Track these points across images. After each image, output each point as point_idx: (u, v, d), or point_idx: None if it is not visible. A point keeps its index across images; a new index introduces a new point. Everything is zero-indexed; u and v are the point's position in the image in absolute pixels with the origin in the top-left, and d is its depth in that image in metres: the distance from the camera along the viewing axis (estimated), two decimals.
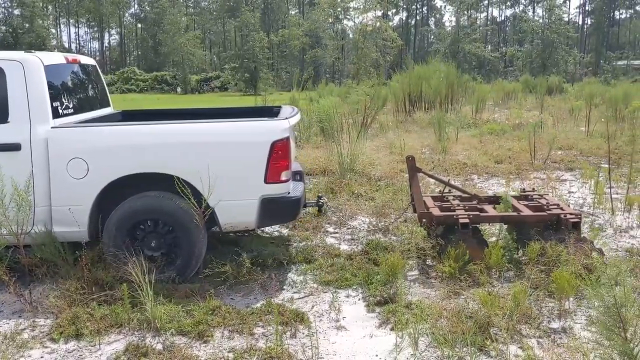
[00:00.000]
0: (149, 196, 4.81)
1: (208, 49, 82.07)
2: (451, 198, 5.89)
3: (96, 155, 4.72)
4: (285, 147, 4.83)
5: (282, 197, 4.87)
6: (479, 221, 5.27)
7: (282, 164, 4.81)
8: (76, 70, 5.84)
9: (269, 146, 4.73)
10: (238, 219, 4.89)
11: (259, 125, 5.03)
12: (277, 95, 31.45)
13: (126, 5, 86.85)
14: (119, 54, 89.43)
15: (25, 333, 3.99)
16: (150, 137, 4.82)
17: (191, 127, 5.00)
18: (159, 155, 4.76)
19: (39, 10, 66.37)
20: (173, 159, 4.75)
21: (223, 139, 4.86)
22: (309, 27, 62.18)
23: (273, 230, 6.46)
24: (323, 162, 9.77)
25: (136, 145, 4.77)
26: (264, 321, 4.12)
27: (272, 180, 4.79)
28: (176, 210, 4.74)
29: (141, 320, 4.02)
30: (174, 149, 4.77)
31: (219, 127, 5.03)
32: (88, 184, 4.69)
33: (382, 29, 56.03)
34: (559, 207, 5.36)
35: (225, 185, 4.72)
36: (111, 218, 4.77)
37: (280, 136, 4.79)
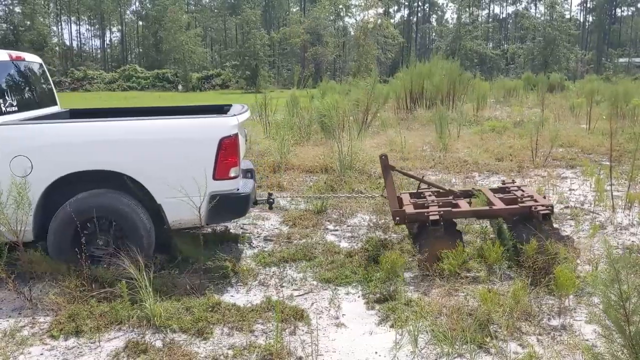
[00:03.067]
0: (94, 194, 4.76)
1: (209, 47, 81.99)
2: (428, 194, 5.83)
3: (40, 153, 4.64)
4: (233, 144, 4.81)
5: (230, 194, 4.86)
6: (450, 217, 5.19)
7: (230, 160, 4.80)
8: (21, 67, 5.75)
9: (217, 143, 4.73)
10: (186, 216, 4.82)
11: (206, 122, 5.04)
12: (278, 93, 31.44)
13: (127, 3, 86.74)
14: (120, 51, 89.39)
15: (25, 330, 3.99)
16: (95, 135, 4.76)
17: (137, 125, 4.97)
18: (105, 153, 4.70)
19: (39, 7, 66.35)
20: (119, 157, 4.70)
21: (170, 135, 4.83)
22: (310, 25, 62.11)
23: (273, 227, 6.46)
24: (323, 159, 9.76)
25: (81, 142, 4.70)
26: (264, 318, 4.12)
27: (221, 177, 4.79)
28: (122, 209, 4.72)
29: (141, 317, 4.01)
30: (119, 147, 4.73)
31: (166, 124, 4.99)
32: (32, 183, 4.58)
33: (383, 26, 55.96)
34: (532, 199, 5.27)
35: (173, 182, 4.70)
36: (56, 217, 4.71)
37: (228, 133, 4.79)
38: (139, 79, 60.45)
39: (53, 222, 4.71)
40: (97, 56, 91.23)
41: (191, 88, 56.97)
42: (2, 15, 65.57)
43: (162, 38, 66.32)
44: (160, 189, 4.72)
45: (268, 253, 5.50)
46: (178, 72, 60.07)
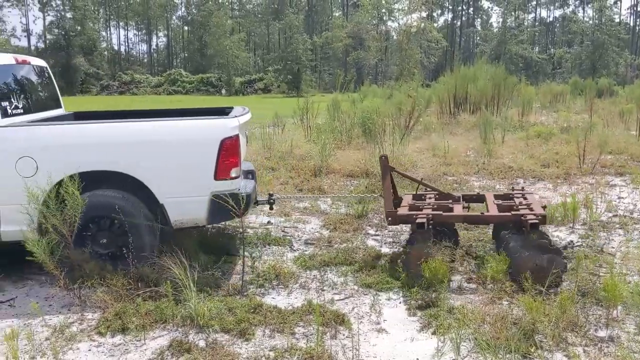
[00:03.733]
0: (98, 195, 4.83)
1: (252, 51, 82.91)
2: (429, 197, 5.77)
3: (45, 154, 4.74)
4: (234, 145, 4.89)
5: (231, 194, 4.88)
6: (440, 220, 5.12)
7: (231, 161, 4.88)
8: (26, 71, 5.87)
9: (219, 144, 4.80)
10: (188, 215, 4.92)
11: (208, 124, 5.12)
12: (319, 97, 31.55)
13: (173, 8, 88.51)
14: (166, 56, 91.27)
15: (73, 326, 4.11)
16: (99, 136, 4.87)
17: (140, 126, 5.07)
18: (109, 154, 4.80)
19: (90, 13, 68.39)
20: (123, 157, 4.79)
21: (173, 137, 4.91)
22: (352, 29, 62.16)
23: (314, 230, 6.48)
24: (364, 164, 9.74)
25: (85, 144, 4.81)
26: (305, 321, 4.13)
27: (222, 177, 4.85)
28: (126, 208, 4.78)
29: (185, 316, 4.09)
30: (123, 148, 4.83)
31: (169, 125, 5.09)
32: (37, 183, 4.66)
33: (426, 30, 55.53)
34: (528, 208, 5.13)
35: (175, 182, 4.81)
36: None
37: (229, 134, 4.86)
38: (184, 83, 61.57)
39: None
40: (143, 60, 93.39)
41: (234, 92, 57.71)
42: (55, 21, 67.79)
43: (206, 43, 67.42)
44: (162, 189, 4.81)
45: (309, 256, 5.52)
46: (222, 76, 60.96)
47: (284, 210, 7.33)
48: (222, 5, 75.71)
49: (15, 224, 4.73)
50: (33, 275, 5.12)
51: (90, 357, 3.67)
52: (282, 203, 7.66)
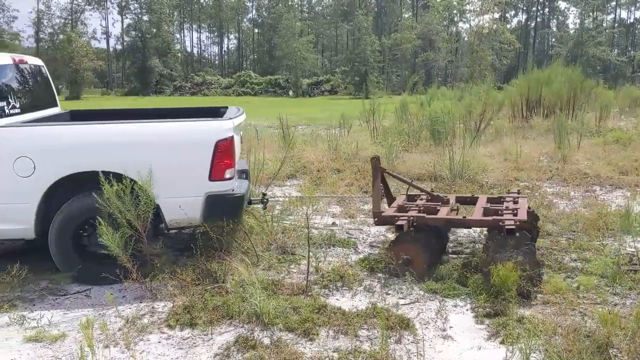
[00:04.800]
0: (94, 195, 4.86)
1: (320, 53, 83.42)
2: (420, 199, 5.84)
3: (43, 154, 4.80)
4: (229, 146, 4.95)
5: (226, 194, 4.95)
6: (422, 223, 5.13)
7: (226, 162, 4.93)
8: (23, 70, 5.94)
9: (214, 145, 4.86)
10: (183, 215, 4.95)
11: (203, 125, 5.17)
12: (387, 99, 31.35)
13: (245, 11, 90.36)
14: (236, 58, 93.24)
15: (145, 318, 4.25)
16: (96, 137, 4.95)
17: (138, 127, 5.16)
18: (106, 155, 4.86)
19: (165, 16, 70.76)
20: (120, 158, 4.83)
21: (169, 138, 4.99)
22: (422, 30, 61.45)
23: (379, 233, 6.44)
24: (432, 167, 9.60)
25: (82, 144, 4.87)
26: (369, 324, 4.11)
27: (217, 178, 4.91)
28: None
29: (250, 313, 4.14)
30: (120, 148, 4.89)
31: (165, 127, 5.16)
32: (34, 182, 4.77)
33: (499, 31, 54.20)
34: (512, 213, 5.12)
35: (171, 183, 4.86)
36: (58, 216, 4.87)
37: (224, 136, 4.93)
38: (252, 85, 62.70)
39: (54, 220, 4.88)
40: (215, 62, 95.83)
41: (301, 94, 58.25)
42: (132, 24, 70.63)
43: (275, 45, 68.43)
44: (157, 190, 4.83)
45: (374, 259, 5.48)
46: (290, 78, 61.66)
47: (349, 212, 7.31)
48: (292, 8, 76.64)
49: (13, 223, 4.85)
50: None
51: (160, 349, 3.78)
52: (347, 205, 7.65)
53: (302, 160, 10.69)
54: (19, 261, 4.88)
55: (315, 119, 22.23)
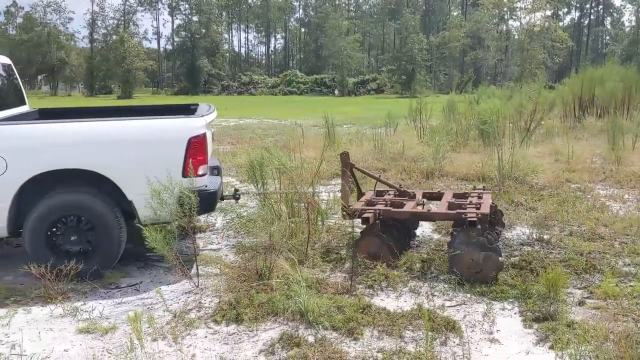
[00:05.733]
0: (67, 192, 4.96)
1: (366, 52, 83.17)
2: (389, 193, 5.98)
3: (15, 153, 4.81)
4: (201, 143, 5.01)
5: (199, 190, 4.96)
6: (388, 216, 5.28)
7: (199, 159, 5.00)
8: None
9: (186, 142, 4.92)
10: (157, 212, 4.96)
11: (176, 122, 5.23)
12: (434, 98, 31.00)
13: (292, 11, 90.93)
14: (282, 57, 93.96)
15: (192, 313, 4.33)
16: (69, 135, 4.97)
17: (111, 125, 5.17)
18: (79, 153, 4.89)
19: (214, 16, 71.92)
20: (92, 156, 4.87)
21: (142, 135, 5.03)
22: (470, 28, 60.49)
23: (425, 234, 6.36)
24: (480, 167, 9.43)
25: (55, 142, 4.89)
26: (414, 325, 4.06)
27: (190, 175, 4.93)
28: (95, 205, 4.91)
29: (295, 311, 4.16)
30: (93, 146, 4.90)
31: (138, 124, 5.22)
32: (6, 181, 4.78)
33: (551, 29, 52.87)
34: (474, 207, 5.25)
35: (144, 180, 4.85)
36: (31, 214, 4.89)
37: (196, 133, 4.99)
38: (298, 84, 63.06)
39: (28, 219, 4.91)
40: (261, 62, 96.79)
41: (347, 92, 58.21)
42: (182, 24, 72.02)
43: (322, 44, 68.59)
44: (131, 187, 4.92)
45: (419, 260, 5.42)
46: (335, 77, 61.72)
47: None
48: (339, 7, 76.63)
49: None
50: (157, 263, 5.46)
51: (206, 344, 3.84)
52: None
53: None
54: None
55: (361, 118, 22.18)
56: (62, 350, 3.76)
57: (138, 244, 5.99)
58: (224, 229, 6.68)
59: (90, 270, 4.90)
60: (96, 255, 4.99)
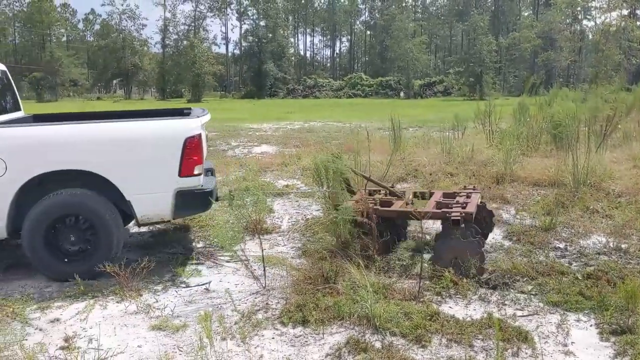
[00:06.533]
0: (67, 193, 5.02)
1: (433, 54, 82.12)
2: (380, 193, 6.07)
3: (14, 155, 4.90)
4: (197, 144, 5.12)
5: (195, 190, 5.13)
6: (377, 215, 5.37)
7: (194, 159, 5.10)
8: None
9: (182, 142, 5.02)
10: (154, 211, 5.14)
11: (172, 124, 5.35)
12: (503, 100, 30.20)
13: (357, 14, 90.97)
14: (348, 60, 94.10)
15: (259, 314, 4.38)
16: (68, 137, 5.07)
17: (107, 127, 5.30)
18: (77, 154, 4.98)
19: (281, 21, 72.91)
20: (91, 157, 4.97)
21: (139, 136, 5.15)
22: (542, 29, 58.58)
23: (495, 241, 6.19)
24: (553, 172, 9.10)
25: (54, 144, 4.99)
26: (484, 335, 3.96)
27: (186, 174, 5.07)
28: (93, 206, 5.01)
29: (361, 316, 4.14)
30: (91, 148, 5.02)
31: (135, 126, 5.33)
32: (6, 182, 4.87)
33: (628, 29, 50.52)
34: (461, 207, 5.32)
35: (142, 180, 5.04)
36: (30, 215, 4.96)
37: (192, 133, 5.10)
38: (363, 87, 62.98)
39: (27, 220, 4.98)
40: (326, 65, 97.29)
41: (412, 95, 57.63)
42: (250, 29, 73.38)
43: (388, 46, 68.21)
44: (129, 187, 5.02)
45: (489, 267, 5.28)
46: (401, 79, 61.23)
47: None
48: (405, 9, 76.05)
49: None
50: (225, 263, 5.57)
51: (273, 345, 3.88)
52: None
53: (413, 163, 10.55)
54: (148, 254, 5.22)
55: (427, 121, 21.89)
56: (135, 346, 3.89)
57: (208, 244, 6.15)
58: (289, 231, 6.74)
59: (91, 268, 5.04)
60: (94, 255, 5.10)
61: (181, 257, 5.75)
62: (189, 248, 6.08)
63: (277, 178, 10.17)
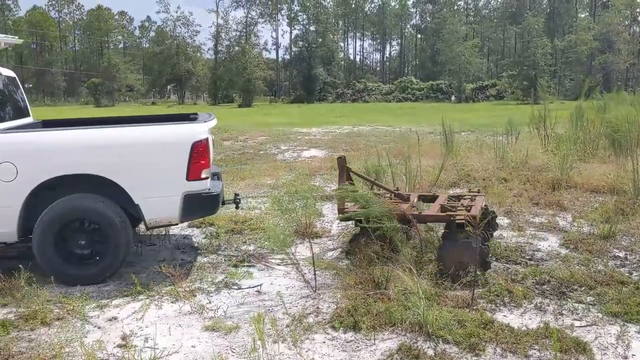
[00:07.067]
0: (76, 197, 5.09)
1: (486, 57, 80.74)
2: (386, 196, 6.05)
3: (25, 159, 4.96)
4: (204, 148, 5.19)
5: (203, 193, 5.19)
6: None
7: (202, 163, 5.16)
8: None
9: (190, 146, 5.08)
10: (162, 214, 5.19)
11: (180, 128, 5.45)
12: (558, 104, 29.40)
13: (408, 17, 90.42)
14: (398, 64, 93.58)
15: (310, 317, 4.39)
16: (77, 141, 5.15)
17: (117, 131, 5.37)
18: (86, 158, 5.05)
19: (331, 25, 73.22)
20: (100, 161, 5.04)
21: (148, 141, 5.22)
22: (600, 31, 56.77)
23: (551, 249, 6.02)
24: (612, 179, 8.79)
25: (64, 149, 5.08)
26: (540, 345, 3.85)
27: (194, 178, 5.12)
28: (103, 210, 5.06)
29: (413, 322, 4.10)
30: (101, 152, 5.09)
31: (143, 130, 5.44)
32: (17, 186, 4.93)
33: None
34: (465, 210, 5.33)
35: (150, 184, 5.10)
36: (41, 219, 5.00)
37: (199, 137, 5.17)
38: (413, 90, 62.51)
39: (37, 223, 5.02)
40: (376, 69, 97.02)
41: (464, 99, 56.81)
42: (300, 34, 73.99)
43: (439, 50, 67.53)
44: (137, 190, 5.08)
45: (546, 275, 5.14)
46: (452, 83, 60.47)
47: (517, 224, 6.95)
48: (457, 12, 75.09)
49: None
50: (276, 266, 5.61)
51: (324, 349, 3.88)
52: (515, 217, 7.27)
53: (465, 168, 10.38)
54: (201, 255, 5.31)
55: (480, 125, 21.54)
56: (190, 346, 3.96)
57: (258, 247, 6.22)
58: (339, 235, 6.73)
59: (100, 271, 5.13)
60: (104, 259, 5.17)
61: (233, 259, 5.83)
62: (241, 250, 6.16)
63: (326, 182, 10.19)
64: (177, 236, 6.78)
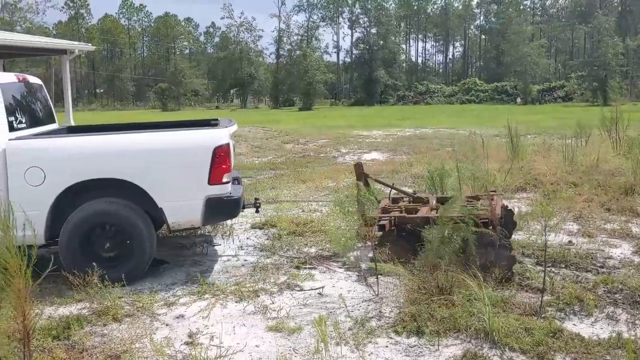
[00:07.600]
0: (102, 201, 5.22)
1: (553, 58, 78.28)
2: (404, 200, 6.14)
3: (52, 164, 5.09)
4: (226, 152, 5.28)
5: (224, 197, 5.27)
6: (403, 222, 5.44)
7: (223, 167, 5.25)
8: (26, 88, 6.14)
9: (212, 151, 5.18)
10: (185, 218, 5.33)
11: (202, 134, 5.56)
12: (630, 106, 28.15)
13: (472, 18, 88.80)
14: (461, 65, 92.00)
15: (372, 321, 4.37)
16: (103, 147, 5.33)
17: (142, 137, 5.53)
18: (111, 163, 5.21)
19: (392, 27, 72.83)
20: (125, 166, 5.20)
21: (171, 146, 5.36)
22: None
23: (623, 256, 5.77)
24: None
25: (90, 154, 5.24)
26: (612, 355, 3.69)
27: (215, 182, 5.22)
28: (127, 213, 5.18)
29: (478, 329, 4.02)
30: (126, 157, 5.25)
31: (167, 136, 5.62)
32: (45, 191, 5.04)
33: None
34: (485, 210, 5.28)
35: (173, 188, 5.23)
36: (68, 222, 5.10)
37: (221, 142, 5.27)
38: (477, 92, 61.25)
39: (65, 226, 5.11)
40: (438, 71, 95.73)
41: (530, 101, 55.25)
42: (361, 37, 73.98)
43: (503, 51, 65.95)
44: (161, 194, 5.20)
45: (618, 284, 4.93)
46: (518, 84, 58.92)
47: (588, 230, 6.69)
48: (523, 12, 73.24)
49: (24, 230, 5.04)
50: (338, 269, 5.63)
51: (387, 353, 3.86)
52: (585, 222, 7.00)
53: (532, 172, 10.09)
54: (265, 257, 5.39)
55: (547, 128, 20.89)
56: (253, 346, 4.02)
57: (320, 249, 6.26)
58: None
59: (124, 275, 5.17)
60: (128, 261, 5.27)
61: (295, 260, 5.89)
62: (303, 252, 6.21)
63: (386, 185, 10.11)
64: (241, 237, 6.91)
